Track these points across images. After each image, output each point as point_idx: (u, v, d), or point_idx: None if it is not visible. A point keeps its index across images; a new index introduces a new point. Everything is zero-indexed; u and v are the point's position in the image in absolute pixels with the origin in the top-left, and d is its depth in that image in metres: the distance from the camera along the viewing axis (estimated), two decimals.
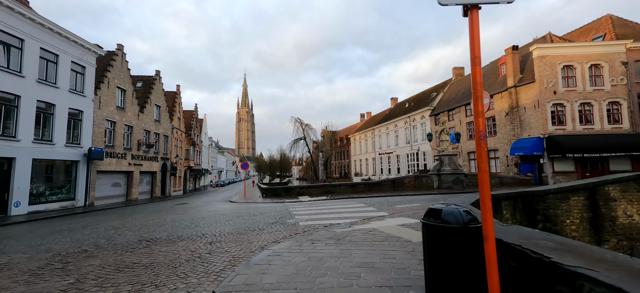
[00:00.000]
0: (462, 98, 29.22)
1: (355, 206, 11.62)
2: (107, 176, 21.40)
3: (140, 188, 25.69)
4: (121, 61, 22.89)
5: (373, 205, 11.72)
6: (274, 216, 9.47)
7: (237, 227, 7.74)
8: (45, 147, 15.95)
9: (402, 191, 17.97)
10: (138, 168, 24.72)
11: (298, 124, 55.80)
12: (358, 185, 19.08)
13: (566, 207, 6.79)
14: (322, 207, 11.66)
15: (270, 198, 17.68)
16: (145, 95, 26.88)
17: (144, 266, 4.63)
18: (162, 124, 29.26)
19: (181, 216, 10.91)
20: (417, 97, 41.28)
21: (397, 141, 41.08)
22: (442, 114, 31.47)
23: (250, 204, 15.39)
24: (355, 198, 15.39)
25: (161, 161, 28.99)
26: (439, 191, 17.02)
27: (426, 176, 19.15)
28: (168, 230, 7.84)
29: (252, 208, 12.63)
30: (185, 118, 41.03)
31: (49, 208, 16.17)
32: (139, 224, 9.08)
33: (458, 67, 35.16)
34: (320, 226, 7.36)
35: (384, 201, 13.16)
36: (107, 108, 20.99)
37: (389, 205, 11.40)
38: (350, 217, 8.62)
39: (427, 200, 12.78)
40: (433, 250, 2.61)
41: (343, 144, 61.91)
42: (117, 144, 22.10)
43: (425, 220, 2.71)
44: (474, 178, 19.39)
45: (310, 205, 13.01)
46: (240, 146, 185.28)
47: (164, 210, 14.36)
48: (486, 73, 28.65)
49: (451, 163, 18.79)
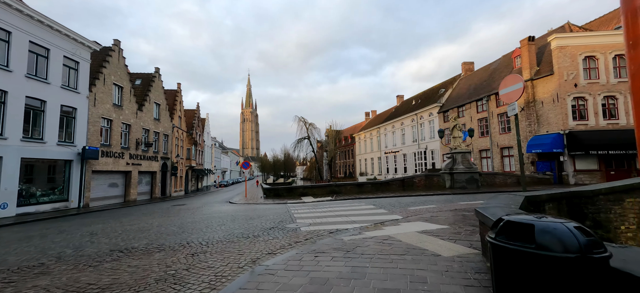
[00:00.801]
0: (472, 94, 27.92)
1: (363, 208, 10.56)
2: (103, 176, 20.62)
3: (139, 189, 24.91)
4: (118, 57, 22.11)
5: (383, 206, 10.64)
6: (273, 220, 8.45)
7: (229, 234, 6.73)
8: (35, 146, 15.16)
9: (412, 191, 16.82)
10: (136, 168, 23.94)
11: (302, 124, 54.88)
12: (365, 184, 17.98)
13: (620, 210, 5.68)
14: (327, 209, 10.61)
15: (272, 199, 16.68)
16: (144, 93, 26.11)
17: (100, 289, 3.63)
18: (162, 122, 28.49)
19: (172, 219, 9.95)
20: (424, 94, 39.97)
21: (404, 140, 39.83)
22: (451, 111, 30.18)
23: (250, 205, 14.41)
24: (363, 198, 14.31)
25: (161, 160, 28.21)
26: (452, 191, 15.84)
27: (437, 175, 17.98)
28: (150, 236, 6.86)
29: (250, 211, 11.63)
30: (187, 117, 40.31)
31: (40, 209, 15.38)
32: (121, 229, 8.13)
33: (467, 62, 33.80)
34: (325, 233, 6.32)
35: (394, 202, 12.05)
36: (103, 106, 20.20)
37: (401, 207, 10.31)
38: (358, 221, 7.56)
39: (442, 201, 11.64)
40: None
41: (348, 144, 60.75)
42: (114, 143, 21.32)
43: (498, 240, 1.63)
44: (489, 177, 18.16)
45: (314, 206, 11.97)
46: (245, 147, 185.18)
47: (158, 212, 13.44)
48: (498, 68, 27.31)
49: (464, 161, 17.58)
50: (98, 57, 20.65)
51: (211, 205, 16.69)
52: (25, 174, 14.98)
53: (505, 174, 18.83)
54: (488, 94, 24.86)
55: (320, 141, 65.45)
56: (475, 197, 12.83)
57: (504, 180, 18.02)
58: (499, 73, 26.22)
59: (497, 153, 24.19)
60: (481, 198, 12.44)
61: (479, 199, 12.09)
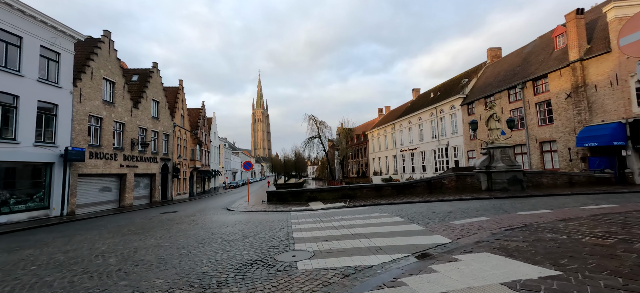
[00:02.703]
0: (502, 82, 24.66)
1: (387, 220, 7.95)
2: (93, 180, 18.82)
3: (137, 193, 23.13)
4: (108, 50, 20.30)
5: (414, 218, 7.99)
6: (263, 244, 6.00)
7: (182, 275, 4.32)
8: (7, 147, 13.34)
9: (441, 194, 14.02)
10: (132, 170, 22.13)
11: (312, 122, 52.45)
12: (383, 187, 15.28)
13: None
14: (339, 221, 8.07)
15: (275, 205, 14.29)
16: (140, 89, 24.33)
17: None
18: (161, 121, 26.68)
19: (129, 240, 7.66)
20: (443, 86, 36.70)
21: (422, 136, 36.71)
22: (477, 102, 26.98)
23: (247, 214, 12.05)
24: (383, 204, 11.68)
25: (161, 162, 26.41)
26: (492, 194, 12.95)
27: (471, 175, 15.08)
28: (57, 285, 4.53)
29: (242, 223, 9.24)
30: (192, 116, 38.67)
31: (13, 219, 13.57)
32: (42, 260, 5.87)
33: (494, 48, 30.40)
34: (336, 275, 3.81)
35: (425, 210, 9.37)
36: (91, 102, 18.37)
37: (438, 219, 7.64)
38: (386, 247, 5.00)
39: (489, 209, 8.86)
40: None
41: (360, 142, 57.88)
42: (106, 144, 19.51)
43: None
44: (533, 177, 15.10)
45: (322, 216, 9.45)
46: (256, 147, 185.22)
47: (129, 225, 11.27)
48: (534, 51, 23.94)
49: (505, 157, 14.63)
50: (85, 50, 18.87)
51: (206, 212, 14.47)
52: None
53: (553, 173, 15.69)
54: (524, 80, 21.60)
55: (331, 140, 62.82)
56: (529, 203, 9.97)
57: (552, 180, 14.93)
58: (535, 57, 22.88)
59: (536, 148, 20.93)
60: (536, 204, 9.57)
61: (536, 205, 9.23)
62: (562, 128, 19.03)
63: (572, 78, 18.14)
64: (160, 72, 26.86)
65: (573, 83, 18.10)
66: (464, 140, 29.43)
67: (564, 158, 18.94)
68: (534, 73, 21.12)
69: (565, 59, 18.82)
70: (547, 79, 20.12)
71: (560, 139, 19.24)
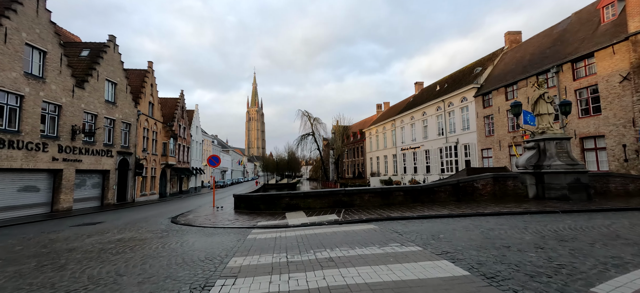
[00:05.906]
0: (529, 67, 20.70)
1: (423, 267, 3.64)
2: (6, 177, 14.28)
3: (80, 193, 18.57)
4: (36, 9, 15.75)
5: (473, 263, 3.70)
6: None
7: None
8: None
9: (475, 203, 9.79)
10: (73, 165, 17.59)
11: (306, 118, 48.29)
12: (392, 192, 10.97)
13: None
14: (324, 267, 3.79)
15: (242, 215, 10.00)
16: (90, 66, 19.78)
17: None
18: (119, 107, 22.13)
19: None
20: (452, 77, 32.71)
21: (426, 133, 32.70)
22: (496, 92, 23.01)
23: (193, 230, 7.73)
24: (396, 219, 7.48)
25: (118, 156, 21.87)
26: (547, 204, 8.80)
27: (513, 177, 10.94)
28: None
29: (159, 255, 4.93)
30: (167, 106, 34.09)
31: None
32: None
33: (513, 32, 26.46)
34: None
35: (481, 239, 5.13)
36: (4, 73, 13.85)
37: (518, 265, 3.37)
38: None
39: (598, 239, 4.64)
40: None
41: (356, 140, 53.74)
42: (28, 130, 14.98)
43: None
44: (597, 181, 11.03)
45: (296, 246, 5.19)
46: (250, 146, 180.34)
47: None
48: (569, 28, 20.01)
49: (562, 152, 10.51)
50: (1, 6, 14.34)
51: (147, 221, 10.08)
52: None
53: (622, 176, 11.60)
54: (559, 62, 17.61)
55: (326, 138, 58.65)
56: (626, 224, 5.81)
57: (623, 184, 10.88)
58: (572, 35, 18.91)
59: (575, 145, 16.94)
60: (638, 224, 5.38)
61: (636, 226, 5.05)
62: (614, 119, 15.04)
63: (630, 56, 14.18)
64: (119, 47, 22.27)
65: (632, 62, 14.13)
66: (477, 136, 25.43)
67: (616, 157, 14.95)
68: (574, 53, 17.14)
69: (620, 33, 14.86)
70: (593, 59, 16.15)
71: (610, 133, 15.26)
